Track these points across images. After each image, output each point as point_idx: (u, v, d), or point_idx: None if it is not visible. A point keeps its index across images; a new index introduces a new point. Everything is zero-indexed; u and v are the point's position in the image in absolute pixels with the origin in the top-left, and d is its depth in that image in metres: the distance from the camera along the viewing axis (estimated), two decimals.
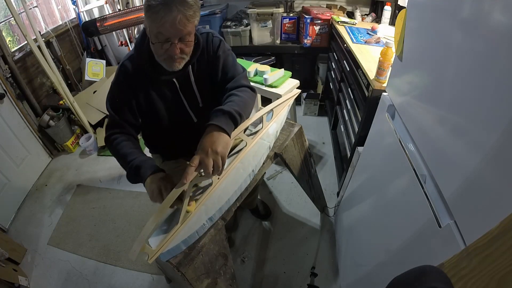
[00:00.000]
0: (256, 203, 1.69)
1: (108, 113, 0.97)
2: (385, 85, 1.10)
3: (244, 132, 1.02)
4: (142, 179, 0.83)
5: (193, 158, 0.71)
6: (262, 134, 1.05)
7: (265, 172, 1.47)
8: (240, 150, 1.00)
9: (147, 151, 2.41)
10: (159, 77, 0.92)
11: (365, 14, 2.37)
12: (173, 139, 1.09)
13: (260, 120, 1.05)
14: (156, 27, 0.78)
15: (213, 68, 0.98)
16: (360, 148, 1.28)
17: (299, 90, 1.22)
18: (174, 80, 0.95)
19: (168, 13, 0.75)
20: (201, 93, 1.01)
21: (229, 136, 0.78)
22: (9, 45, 2.06)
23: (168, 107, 0.99)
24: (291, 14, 2.40)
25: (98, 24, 2.34)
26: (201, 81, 0.99)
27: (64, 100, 2.22)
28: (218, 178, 0.89)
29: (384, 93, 1.03)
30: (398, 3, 1.83)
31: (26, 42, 1.99)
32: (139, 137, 1.05)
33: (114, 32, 2.70)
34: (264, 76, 1.67)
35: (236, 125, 0.82)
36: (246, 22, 2.41)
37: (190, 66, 0.94)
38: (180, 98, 0.99)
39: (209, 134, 0.75)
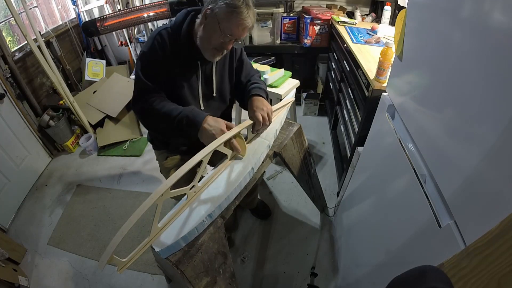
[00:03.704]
0: (256, 203, 1.69)
1: (138, 81, 0.99)
2: (385, 85, 1.10)
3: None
4: (198, 125, 0.92)
5: (255, 114, 0.96)
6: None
7: (264, 172, 1.47)
8: (221, 162, 0.98)
9: (149, 148, 2.40)
10: (188, 59, 0.99)
11: (365, 14, 2.37)
12: None
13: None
14: (230, 24, 0.88)
15: (238, 70, 1.15)
16: (360, 148, 1.27)
17: (292, 99, 1.24)
18: (198, 63, 1.02)
19: (247, 19, 0.89)
20: (217, 84, 1.11)
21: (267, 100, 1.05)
22: (9, 45, 2.06)
23: (187, 88, 1.04)
24: (291, 14, 2.40)
25: (98, 24, 2.34)
26: (220, 75, 1.11)
27: (64, 100, 2.22)
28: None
29: (384, 93, 1.03)
30: (398, 3, 1.83)
31: (26, 42, 1.99)
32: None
33: (114, 32, 2.70)
34: (264, 76, 1.67)
35: (267, 96, 1.09)
36: None
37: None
38: (197, 84, 1.06)
39: (257, 99, 1.02)
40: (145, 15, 2.30)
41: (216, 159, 0.99)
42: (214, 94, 1.11)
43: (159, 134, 1.18)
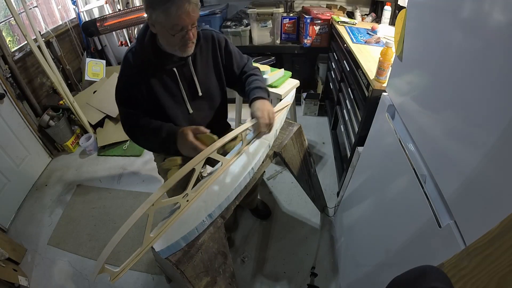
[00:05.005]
0: (256, 203, 1.69)
1: (119, 108, 1.02)
2: (385, 85, 1.10)
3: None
4: (174, 145, 0.93)
5: (254, 115, 0.94)
6: (243, 151, 1.03)
7: (264, 171, 1.47)
8: (215, 170, 0.97)
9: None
10: (161, 67, 0.98)
11: (365, 14, 2.37)
12: None
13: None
14: (171, 20, 0.85)
15: (228, 62, 1.12)
16: (360, 148, 1.27)
17: (289, 102, 1.22)
18: (174, 69, 1.00)
19: (180, 6, 0.82)
20: (202, 83, 1.08)
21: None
22: (9, 45, 2.06)
23: (169, 96, 1.04)
24: (291, 14, 2.39)
25: (98, 24, 2.34)
26: (203, 72, 1.08)
27: (64, 100, 2.22)
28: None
29: (384, 93, 1.03)
30: (398, 3, 1.83)
31: (26, 42, 1.99)
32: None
33: (114, 32, 2.70)
34: (264, 76, 1.67)
35: (269, 96, 1.07)
36: (246, 22, 2.41)
37: (189, 57, 1.00)
38: (179, 88, 1.04)
39: (259, 101, 0.99)
40: (145, 15, 2.30)
41: (216, 160, 0.99)
42: (200, 94, 1.08)
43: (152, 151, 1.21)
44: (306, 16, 2.22)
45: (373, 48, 1.61)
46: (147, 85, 0.99)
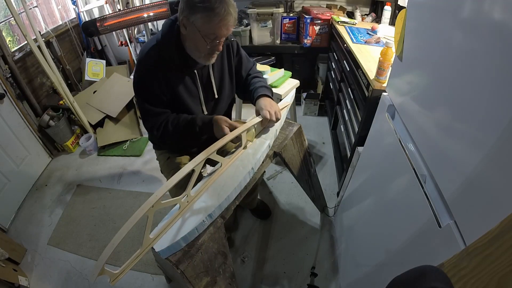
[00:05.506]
0: (256, 203, 1.69)
1: (141, 108, 1.03)
2: (385, 85, 1.10)
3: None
4: (210, 130, 0.99)
5: (261, 112, 1.00)
6: (240, 154, 1.03)
7: (264, 171, 1.47)
8: (216, 170, 0.97)
9: (149, 148, 2.40)
10: (183, 67, 0.99)
11: (365, 14, 2.37)
12: None
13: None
14: (211, 28, 0.85)
15: (238, 66, 1.16)
16: (360, 148, 1.28)
17: (288, 103, 1.23)
18: (195, 71, 1.02)
19: (224, 18, 0.83)
20: (217, 85, 1.11)
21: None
22: (9, 45, 2.06)
23: (188, 96, 1.05)
24: (291, 14, 2.39)
25: (98, 24, 2.34)
26: (220, 75, 1.11)
27: (64, 100, 2.22)
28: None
29: (384, 93, 1.03)
30: (398, 3, 1.83)
31: (26, 42, 1.99)
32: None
33: (114, 32, 2.70)
34: (264, 76, 1.67)
35: (272, 95, 1.12)
36: (246, 22, 2.41)
37: None
38: (197, 89, 1.06)
39: (264, 99, 1.05)
40: (145, 15, 2.30)
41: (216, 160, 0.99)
42: (216, 96, 1.11)
43: (176, 144, 1.21)
44: (306, 16, 2.22)
45: (373, 48, 1.61)
46: (169, 84, 0.99)
